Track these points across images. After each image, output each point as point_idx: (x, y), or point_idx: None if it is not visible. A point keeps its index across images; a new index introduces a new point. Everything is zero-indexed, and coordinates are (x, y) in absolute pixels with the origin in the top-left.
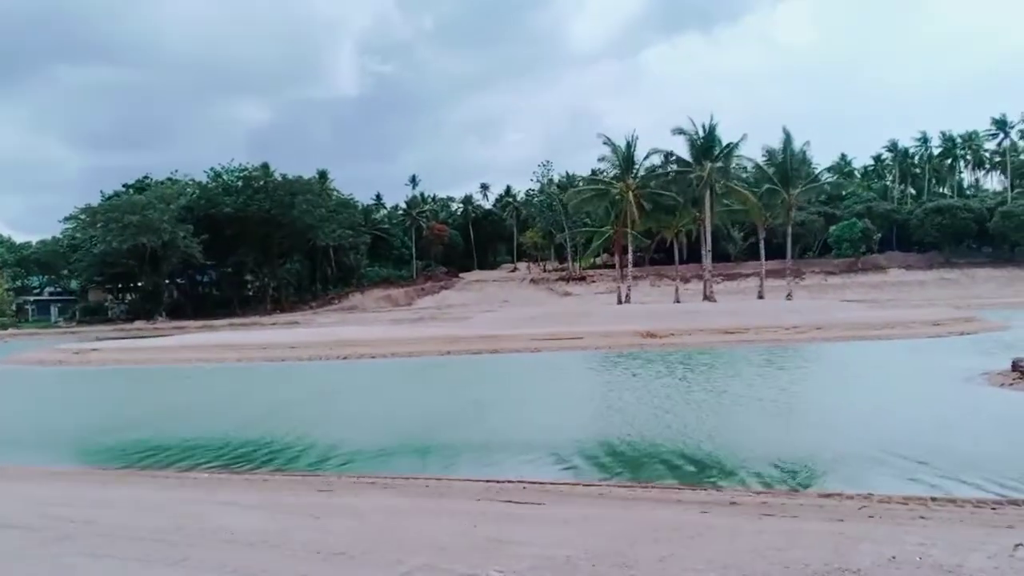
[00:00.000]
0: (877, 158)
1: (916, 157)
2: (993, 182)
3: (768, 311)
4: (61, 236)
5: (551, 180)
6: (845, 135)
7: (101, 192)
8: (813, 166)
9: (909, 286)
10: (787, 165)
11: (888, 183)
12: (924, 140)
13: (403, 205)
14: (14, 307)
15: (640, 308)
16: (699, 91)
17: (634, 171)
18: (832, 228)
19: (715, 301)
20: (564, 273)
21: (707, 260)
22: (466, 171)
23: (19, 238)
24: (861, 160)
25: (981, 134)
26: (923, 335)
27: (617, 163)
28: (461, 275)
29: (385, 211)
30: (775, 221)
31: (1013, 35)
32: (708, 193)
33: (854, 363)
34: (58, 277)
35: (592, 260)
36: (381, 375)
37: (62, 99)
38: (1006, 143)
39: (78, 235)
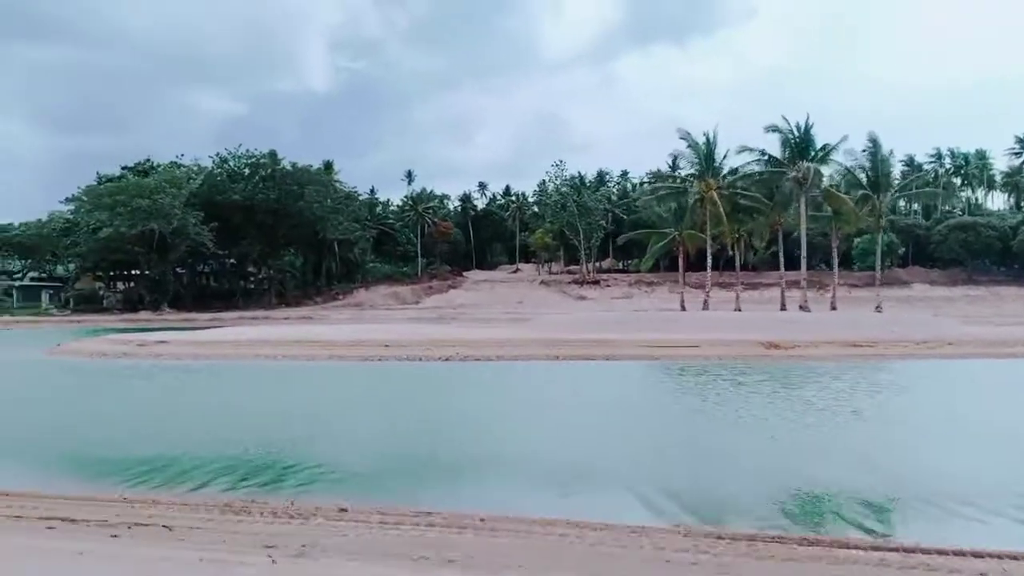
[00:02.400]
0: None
1: (932, 174)
2: (997, 202)
3: (876, 324)
4: (48, 218)
5: (569, 178)
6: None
7: (97, 174)
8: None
9: (936, 302)
10: (878, 170)
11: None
12: (938, 156)
13: (396, 201)
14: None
15: (733, 316)
16: (671, 102)
17: (713, 169)
18: (857, 240)
19: (810, 311)
20: (577, 276)
21: (804, 267)
22: (435, 170)
23: None
24: None
25: (987, 152)
26: None
27: (696, 160)
28: (464, 274)
29: (393, 206)
30: (855, 228)
31: (989, 51)
32: (802, 195)
33: None
34: (43, 261)
35: (651, 263)
36: (528, 383)
37: (22, 78)
38: None
39: (82, 218)
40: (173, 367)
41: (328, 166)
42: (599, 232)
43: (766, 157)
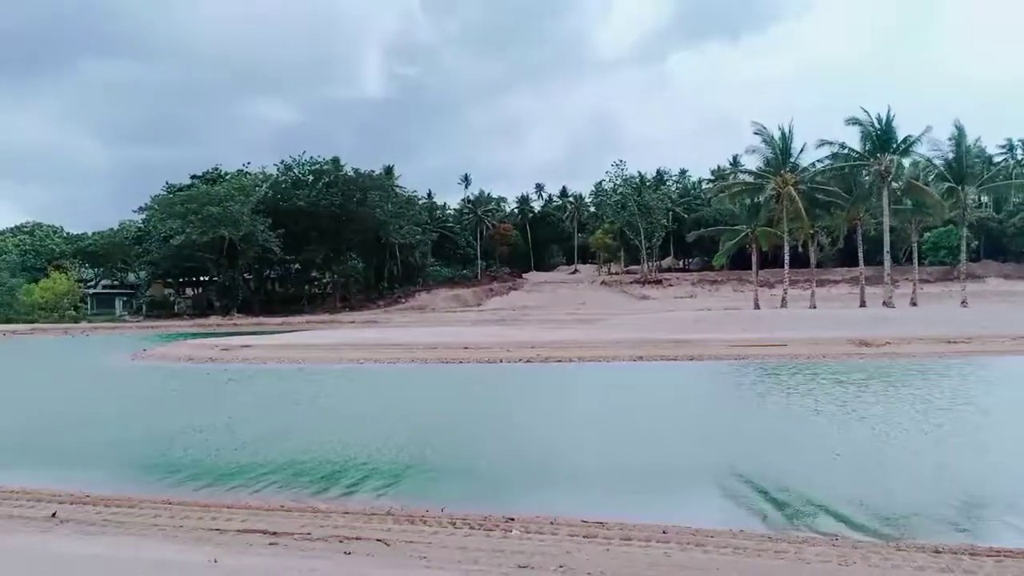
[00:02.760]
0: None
1: (1004, 166)
2: None
3: (967, 319)
4: (119, 228)
5: (629, 178)
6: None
7: (167, 183)
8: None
9: (1012, 296)
10: (963, 161)
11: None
12: (1009, 147)
13: (452, 205)
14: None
15: (816, 313)
16: (725, 99)
17: (790, 164)
18: (927, 234)
19: (894, 307)
20: (638, 276)
21: (887, 263)
22: (489, 174)
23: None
24: None
25: None
26: None
27: (773, 155)
28: (524, 276)
29: (450, 210)
30: (940, 220)
31: None
32: (884, 189)
33: None
34: (115, 269)
35: (724, 260)
36: (626, 385)
37: (90, 93)
38: None
39: (155, 226)
40: (262, 370)
41: (389, 171)
42: (660, 231)
43: (845, 150)
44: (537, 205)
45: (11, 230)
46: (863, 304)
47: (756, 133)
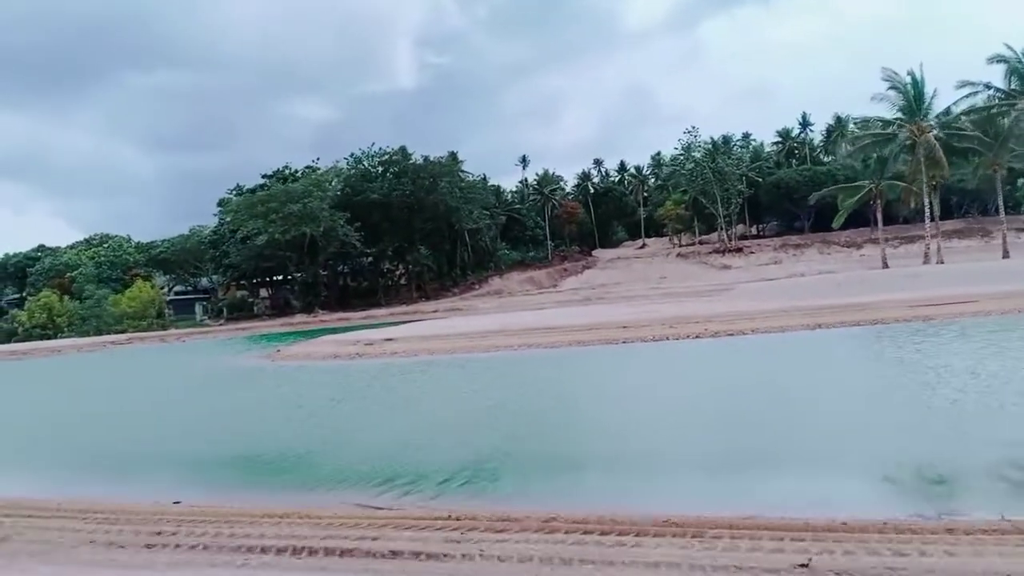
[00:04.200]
0: None
1: None
2: None
3: None
4: (189, 233)
5: (702, 144)
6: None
7: (237, 185)
8: None
9: None
10: None
11: None
12: None
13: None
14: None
15: (978, 267)
16: (759, 64)
17: (924, 110)
18: (1021, 181)
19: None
20: (717, 245)
21: None
22: (527, 155)
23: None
24: None
25: None
26: None
27: (905, 102)
28: (592, 254)
29: (515, 190)
30: None
31: None
32: None
33: None
34: (187, 275)
35: (843, 220)
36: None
37: (131, 104)
38: None
39: (237, 227)
40: (426, 363)
41: (453, 156)
42: (737, 198)
43: (991, 90)
44: (597, 181)
45: (82, 243)
46: (1006, 255)
47: (885, 80)
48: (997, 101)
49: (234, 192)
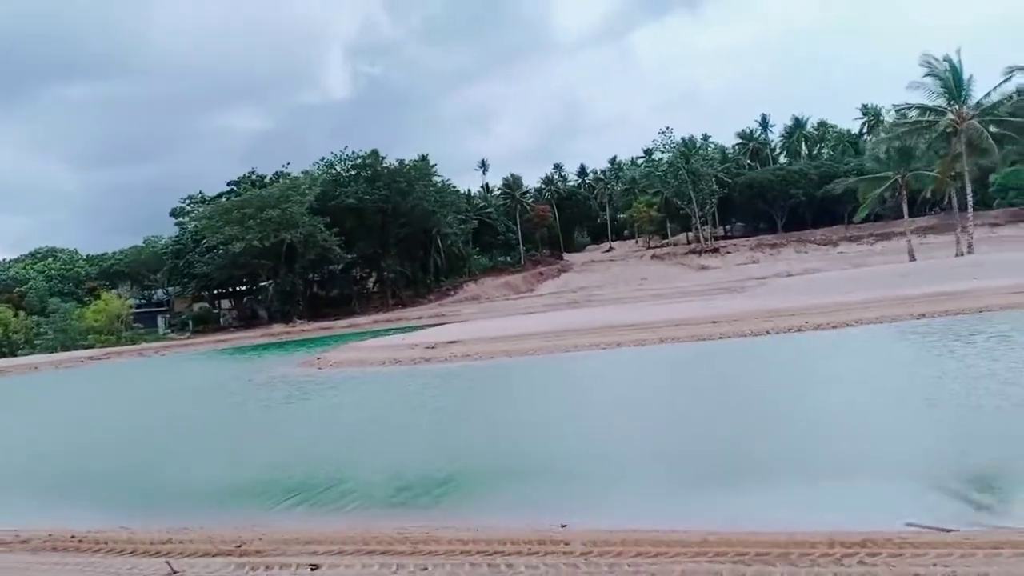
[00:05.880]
0: None
1: None
2: None
3: None
4: (144, 244)
5: (678, 143)
6: (835, 105)
7: (199, 192)
8: None
9: None
10: None
11: None
12: None
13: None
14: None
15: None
16: (688, 70)
17: (964, 96)
18: (994, 176)
19: None
20: (693, 245)
21: None
22: (464, 164)
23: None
24: None
25: None
26: None
27: (944, 89)
28: (564, 257)
29: (476, 194)
30: None
31: None
32: None
33: None
34: (144, 287)
35: (865, 213)
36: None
37: (56, 118)
38: None
39: (203, 238)
40: (517, 366)
41: (425, 159)
42: (712, 198)
43: None
44: (559, 185)
45: (27, 257)
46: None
47: (921, 66)
48: None
49: (187, 201)
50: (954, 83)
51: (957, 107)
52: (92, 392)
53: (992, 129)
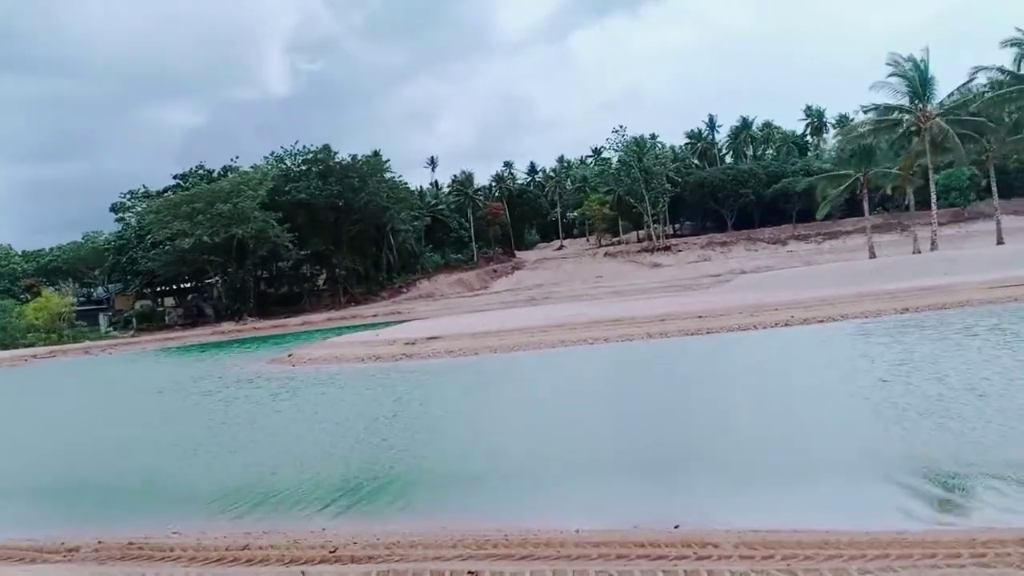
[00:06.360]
0: None
1: None
2: None
3: None
4: (83, 240)
5: (631, 142)
6: (773, 107)
7: (143, 186)
8: None
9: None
10: None
11: None
12: None
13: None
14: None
15: (1001, 251)
16: (630, 72)
17: (928, 95)
18: (936, 177)
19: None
20: (645, 244)
21: None
22: (407, 161)
23: None
24: None
25: None
26: None
27: (910, 88)
28: (516, 255)
29: (443, 191)
30: None
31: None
32: None
33: None
34: (83, 284)
35: (827, 211)
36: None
37: None
38: None
39: (147, 233)
40: (505, 361)
41: (377, 155)
42: (664, 197)
43: (1005, 75)
44: (509, 183)
45: None
46: (1000, 242)
47: (888, 64)
48: (1011, 85)
49: (127, 196)
50: (919, 83)
51: (921, 106)
52: (67, 390)
53: (956, 129)
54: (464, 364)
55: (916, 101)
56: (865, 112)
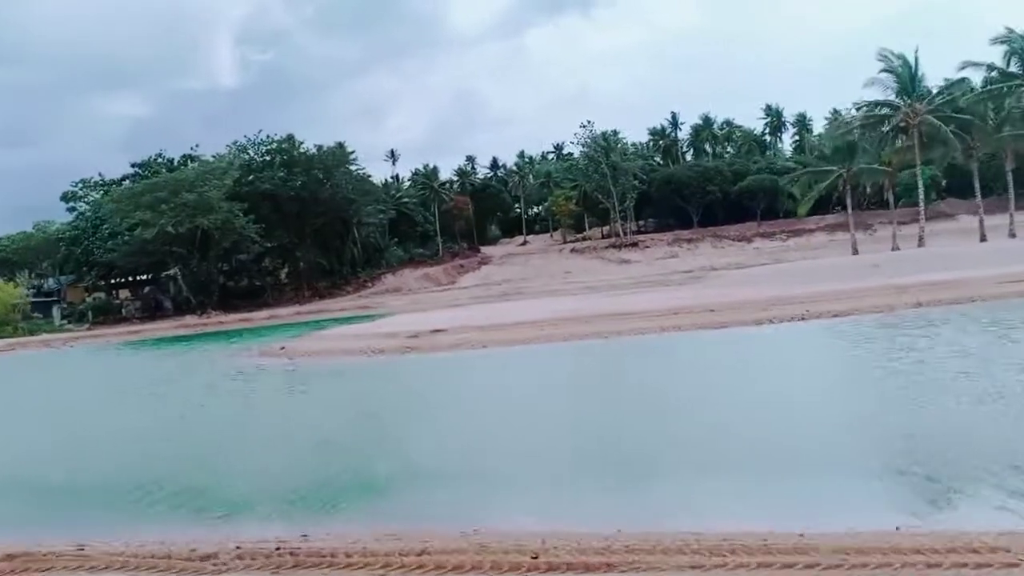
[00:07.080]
0: None
1: None
2: None
3: None
4: (34, 230)
5: (599, 138)
6: (727, 105)
7: (99, 174)
8: None
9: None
10: None
11: None
12: None
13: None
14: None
15: (1000, 245)
16: (582, 71)
17: (918, 91)
18: (899, 176)
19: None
20: (613, 240)
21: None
22: (360, 155)
23: None
24: None
25: None
26: None
27: (899, 84)
28: (482, 250)
29: (407, 185)
30: None
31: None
32: None
33: None
34: (36, 275)
35: (808, 207)
36: None
37: None
38: None
39: (102, 223)
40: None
41: (341, 146)
42: (632, 193)
43: (995, 72)
44: (473, 178)
45: None
46: (983, 239)
47: (879, 60)
48: (998, 82)
49: (79, 185)
50: (908, 79)
51: (911, 102)
52: (67, 390)
53: (946, 125)
54: (480, 358)
55: (905, 97)
56: (858, 109)
